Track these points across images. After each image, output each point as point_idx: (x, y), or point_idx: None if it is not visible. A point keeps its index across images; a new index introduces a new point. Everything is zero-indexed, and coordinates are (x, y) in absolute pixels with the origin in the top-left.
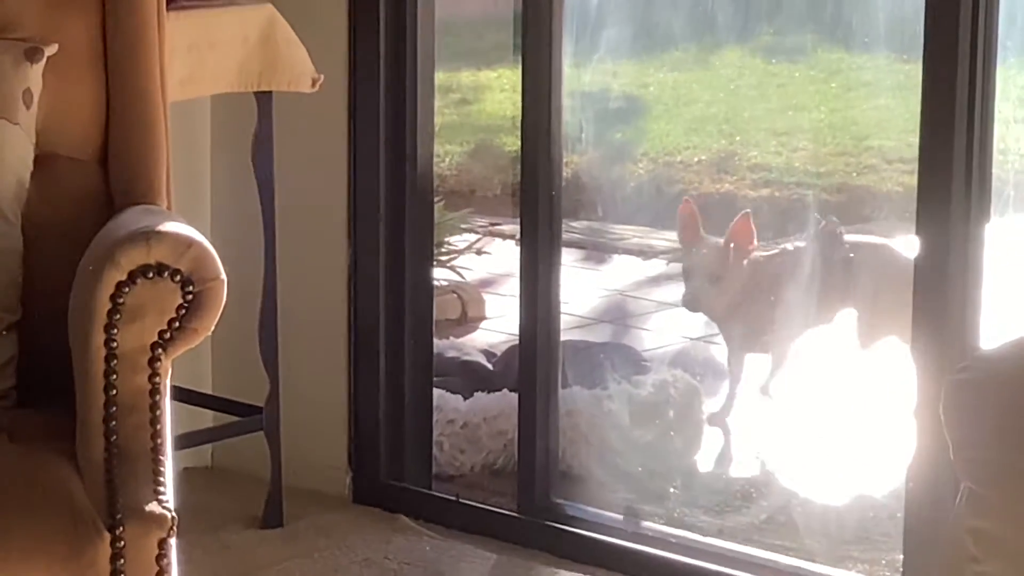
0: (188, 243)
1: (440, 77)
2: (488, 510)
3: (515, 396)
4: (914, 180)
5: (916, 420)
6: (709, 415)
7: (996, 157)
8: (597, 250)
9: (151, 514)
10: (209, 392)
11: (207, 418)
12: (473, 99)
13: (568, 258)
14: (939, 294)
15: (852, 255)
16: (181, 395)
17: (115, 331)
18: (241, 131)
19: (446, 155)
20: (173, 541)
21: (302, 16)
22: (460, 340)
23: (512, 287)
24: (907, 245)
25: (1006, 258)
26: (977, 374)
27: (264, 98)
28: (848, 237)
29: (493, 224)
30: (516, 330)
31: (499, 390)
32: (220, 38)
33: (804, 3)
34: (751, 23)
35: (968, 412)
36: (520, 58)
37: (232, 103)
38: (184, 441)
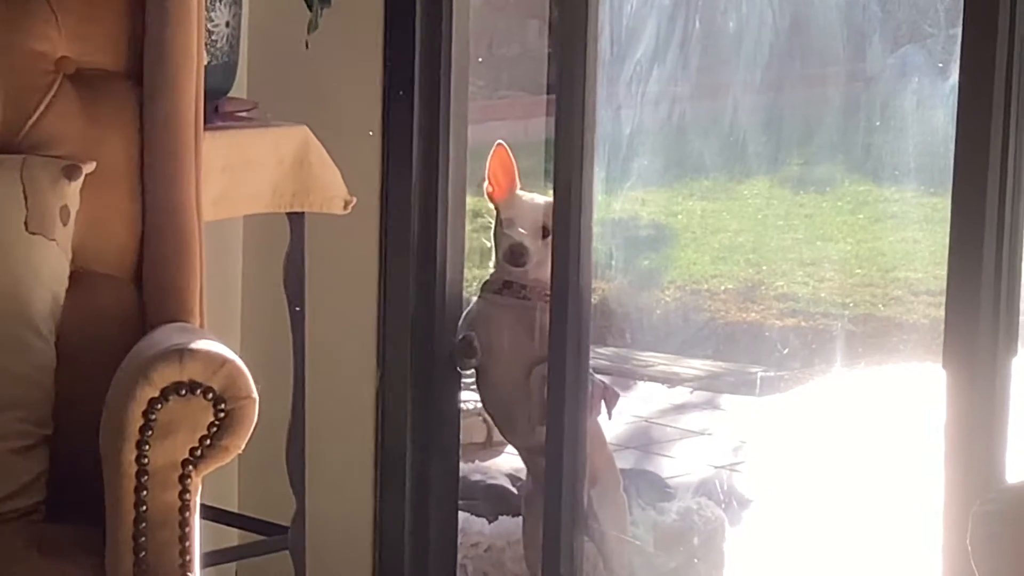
0: (221, 361)
1: (469, 202)
2: None
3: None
4: (940, 312)
5: (943, 553)
6: None
7: None
8: (623, 376)
9: None
10: (235, 510)
11: (232, 536)
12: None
13: None
14: (966, 427)
15: None
16: (207, 513)
17: (147, 447)
18: (273, 251)
19: (474, 279)
20: None
21: (336, 138)
22: (485, 464)
23: None
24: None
25: None
26: (1005, 505)
27: (297, 219)
28: None
29: None
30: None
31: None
32: (255, 159)
33: (834, 134)
34: (781, 154)
35: (996, 543)
36: (551, 184)
37: (265, 223)
38: (210, 559)
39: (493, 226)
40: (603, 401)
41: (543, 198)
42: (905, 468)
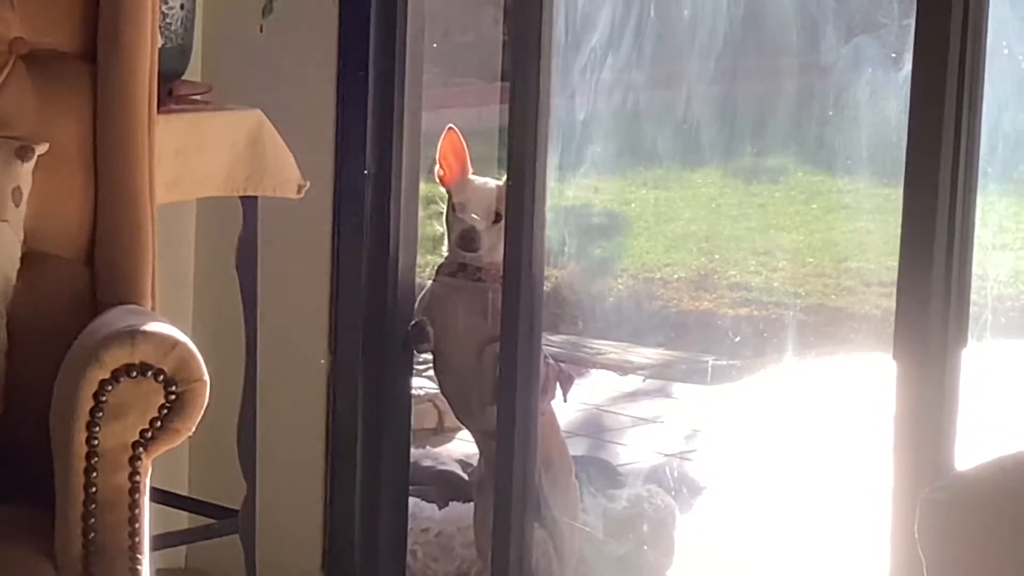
0: (172, 343)
1: (422, 188)
2: None
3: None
4: (891, 302)
5: (891, 540)
6: None
7: (975, 283)
8: (575, 364)
9: None
10: (185, 493)
11: (182, 519)
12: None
13: None
14: (916, 417)
15: None
16: (157, 496)
17: (97, 429)
18: (226, 235)
19: (426, 265)
20: None
21: (290, 122)
22: (436, 449)
23: None
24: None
25: (982, 383)
26: (953, 494)
27: (250, 203)
28: None
29: None
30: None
31: (474, 500)
32: (208, 142)
33: (788, 125)
34: (734, 143)
35: (943, 532)
36: (504, 171)
37: (218, 206)
38: (159, 542)
39: (445, 211)
40: (558, 384)
41: (495, 182)
42: (855, 457)
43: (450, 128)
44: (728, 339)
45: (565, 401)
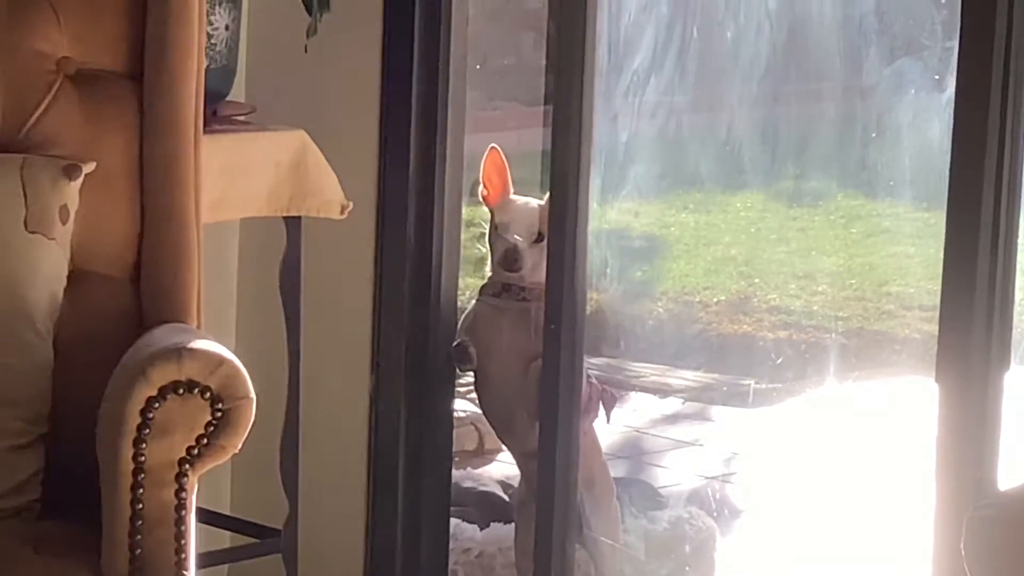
0: (219, 361)
1: (464, 211)
2: None
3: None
4: (931, 327)
5: (934, 562)
6: None
7: (1016, 307)
8: (616, 387)
9: None
10: (227, 513)
11: (224, 539)
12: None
13: None
14: (959, 439)
15: None
16: (200, 514)
17: (144, 445)
18: (269, 254)
19: (467, 288)
20: None
21: (334, 143)
22: (477, 471)
23: None
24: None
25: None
26: (999, 511)
27: (293, 223)
28: None
29: None
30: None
31: (515, 521)
32: (252, 162)
33: (830, 147)
34: (776, 166)
35: (989, 549)
36: (544, 194)
37: (262, 226)
38: (201, 561)
39: (488, 230)
40: (601, 404)
41: (537, 202)
42: (897, 480)
43: (493, 147)
44: (768, 362)
45: (608, 421)
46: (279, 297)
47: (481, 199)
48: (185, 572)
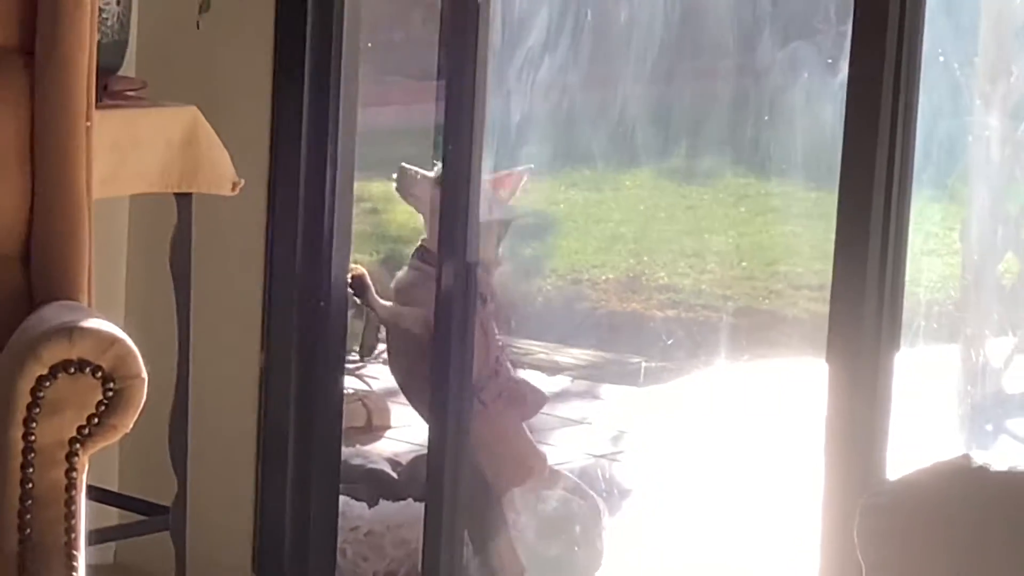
0: (111, 340)
1: (358, 186)
2: None
3: (419, 506)
4: (820, 307)
5: (822, 543)
6: None
7: (906, 288)
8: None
9: None
10: (116, 489)
11: (112, 516)
12: (383, 209)
13: None
14: (848, 420)
15: None
16: (89, 492)
17: (34, 425)
18: (160, 231)
19: (356, 263)
20: None
21: (225, 120)
22: (366, 448)
23: None
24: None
25: (914, 388)
26: (892, 498)
27: (184, 200)
28: None
29: None
30: (421, 439)
31: (404, 499)
32: (143, 138)
33: (723, 127)
34: (668, 145)
35: (883, 537)
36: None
37: (152, 203)
38: (90, 538)
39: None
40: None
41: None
42: (785, 460)
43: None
44: (658, 341)
45: (525, 421)
46: (169, 274)
47: None
48: (75, 552)
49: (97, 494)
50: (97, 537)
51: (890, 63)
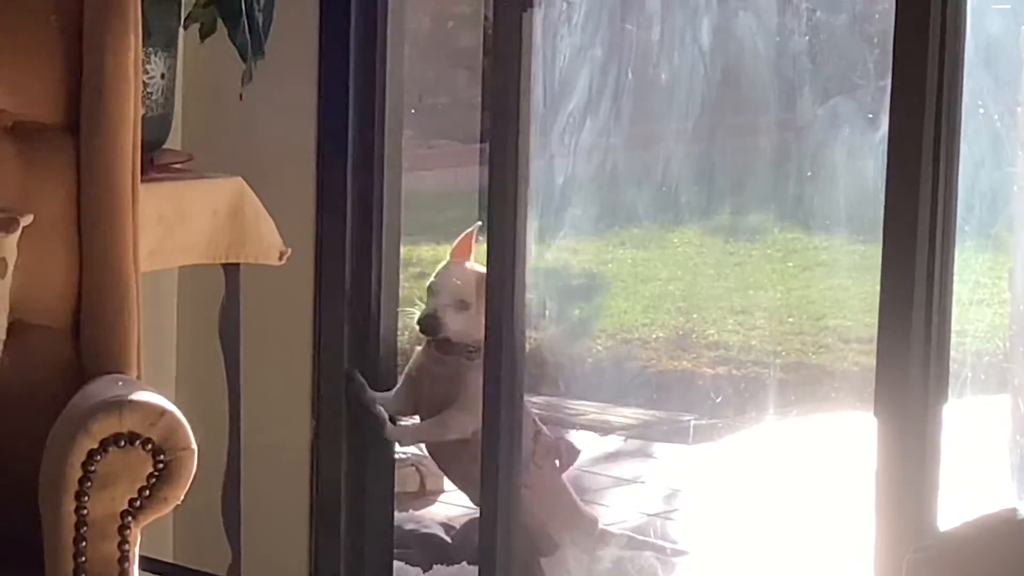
0: (160, 412)
1: (404, 251)
2: None
3: (474, 569)
4: (870, 360)
5: None
6: None
7: (953, 339)
8: (556, 425)
9: None
10: (170, 560)
11: None
12: (432, 273)
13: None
14: (897, 473)
15: None
16: (143, 563)
17: (86, 498)
18: (208, 302)
19: (405, 328)
20: None
21: (270, 189)
22: (419, 513)
23: None
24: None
25: (963, 439)
26: (938, 553)
27: (232, 270)
28: None
29: None
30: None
31: (458, 563)
32: (190, 210)
33: (765, 184)
34: (712, 203)
35: None
36: (484, 233)
37: (200, 274)
38: None
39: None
40: (557, 460)
41: (477, 269)
42: (837, 515)
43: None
44: (708, 399)
45: (562, 475)
46: (219, 344)
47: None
48: None
49: (152, 565)
50: None
51: (930, 116)
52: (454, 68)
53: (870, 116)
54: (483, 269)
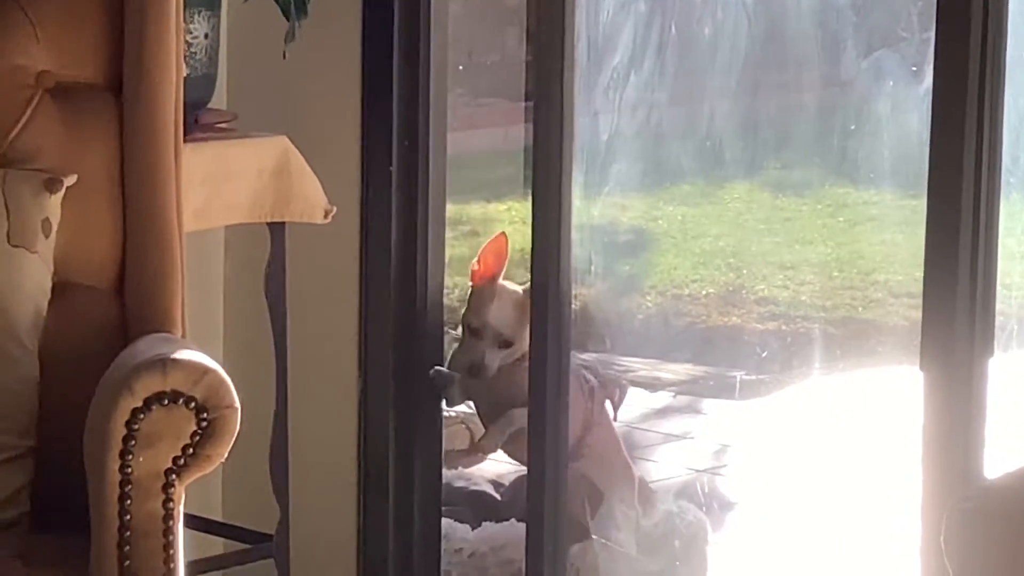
0: (203, 371)
1: (450, 209)
2: None
3: (523, 526)
4: (919, 314)
5: (921, 552)
6: None
7: (1000, 292)
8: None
9: None
10: (219, 519)
11: (217, 545)
12: (483, 231)
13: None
14: (943, 428)
15: None
16: (191, 522)
17: (130, 457)
18: (254, 261)
19: (455, 287)
20: None
21: (316, 148)
22: (468, 470)
23: None
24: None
25: (1010, 392)
26: (980, 503)
27: (277, 229)
28: None
29: None
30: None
31: (507, 520)
32: (235, 170)
33: (811, 138)
34: (758, 158)
35: (969, 542)
36: (530, 191)
37: (246, 233)
38: (194, 568)
39: (464, 311)
40: (607, 400)
41: (515, 297)
42: (885, 469)
43: (501, 233)
44: (756, 354)
45: (615, 418)
46: (265, 303)
47: (470, 272)
48: None
49: (201, 524)
50: (201, 566)
51: (974, 68)
52: (504, 26)
53: (914, 69)
54: (517, 289)
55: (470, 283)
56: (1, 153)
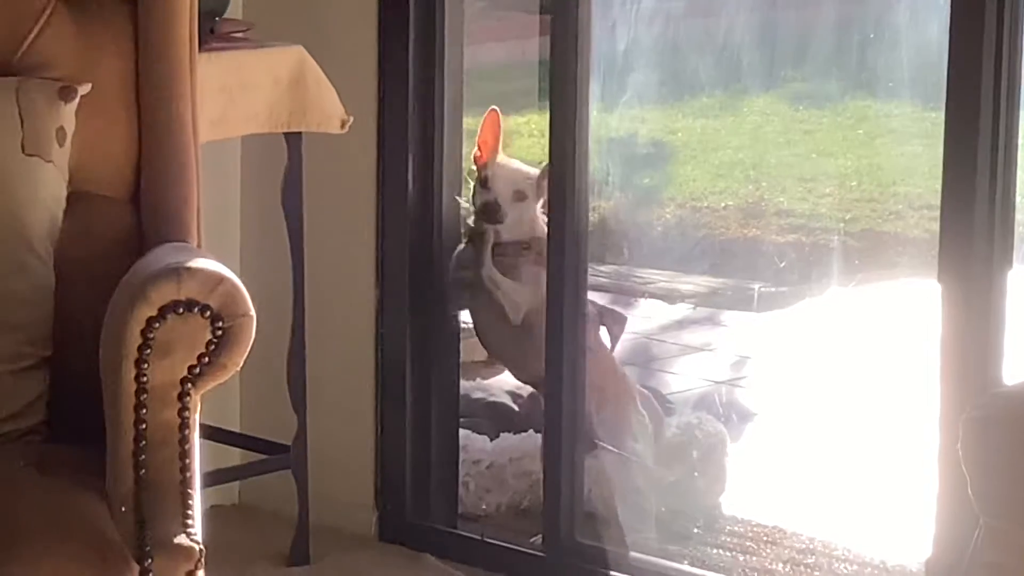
0: (218, 279)
1: (467, 122)
2: (513, 549)
3: (540, 437)
4: (939, 226)
5: (939, 460)
6: None
7: (1020, 204)
8: (623, 294)
9: (179, 547)
10: (237, 430)
11: (235, 456)
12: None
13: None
14: (961, 339)
15: None
16: (209, 433)
17: (145, 366)
18: (271, 171)
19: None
20: (201, 574)
21: (332, 58)
22: (487, 382)
23: None
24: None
25: None
26: (995, 411)
27: (294, 139)
28: None
29: None
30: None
31: (525, 431)
32: (251, 80)
33: (829, 49)
34: (776, 70)
35: (985, 448)
36: (547, 103)
37: (262, 143)
38: (212, 478)
39: (472, 187)
40: (603, 328)
41: (523, 165)
42: (903, 380)
43: (493, 109)
44: (775, 266)
45: (612, 349)
46: (282, 213)
47: (474, 160)
48: (190, 491)
49: (219, 435)
50: (220, 477)
51: None
52: None
53: None
54: (524, 166)
55: (474, 167)
56: (15, 62)
